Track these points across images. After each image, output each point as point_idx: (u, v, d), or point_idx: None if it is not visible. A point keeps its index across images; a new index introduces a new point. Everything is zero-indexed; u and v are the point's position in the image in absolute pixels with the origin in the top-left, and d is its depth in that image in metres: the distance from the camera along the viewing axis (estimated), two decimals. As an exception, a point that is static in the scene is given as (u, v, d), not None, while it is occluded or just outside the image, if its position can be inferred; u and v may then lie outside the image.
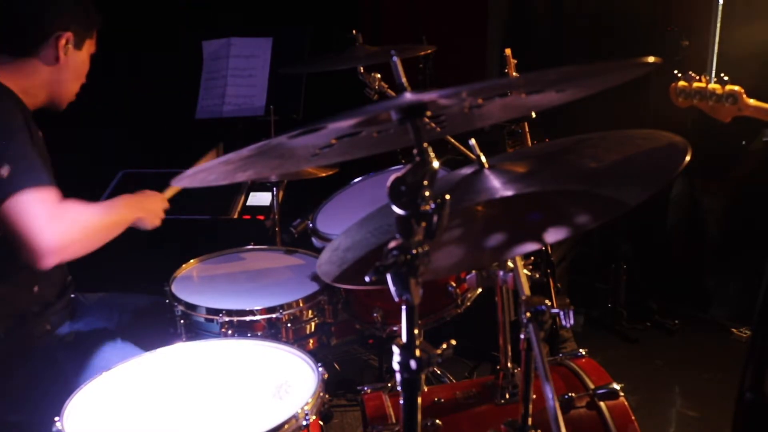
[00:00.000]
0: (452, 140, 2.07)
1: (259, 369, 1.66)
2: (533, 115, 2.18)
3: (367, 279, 0.90)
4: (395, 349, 0.95)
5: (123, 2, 2.11)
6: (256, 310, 2.02)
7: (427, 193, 0.92)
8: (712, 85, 2.37)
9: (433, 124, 1.05)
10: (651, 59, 0.88)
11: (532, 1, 4.29)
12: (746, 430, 1.62)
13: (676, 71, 2.44)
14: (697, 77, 2.40)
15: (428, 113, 0.98)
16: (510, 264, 1.36)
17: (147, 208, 2.12)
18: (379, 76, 2.27)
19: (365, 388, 1.73)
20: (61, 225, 1.75)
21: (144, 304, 2.27)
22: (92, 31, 2.05)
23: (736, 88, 2.34)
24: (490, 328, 1.64)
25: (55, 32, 1.91)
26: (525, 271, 1.33)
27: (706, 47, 3.50)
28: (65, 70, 1.97)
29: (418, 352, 0.94)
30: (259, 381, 1.61)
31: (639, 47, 3.63)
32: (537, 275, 1.38)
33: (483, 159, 1.27)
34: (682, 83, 2.42)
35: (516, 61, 2.27)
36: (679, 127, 2.34)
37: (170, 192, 2.26)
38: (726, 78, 2.36)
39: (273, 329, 2.02)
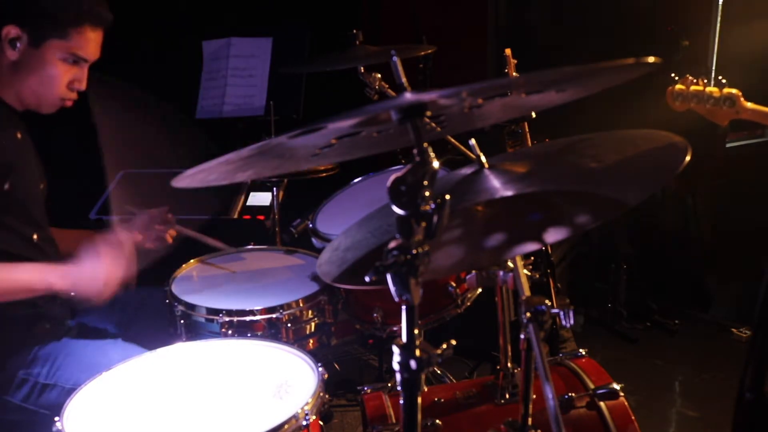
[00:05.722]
0: (452, 140, 2.07)
1: (259, 369, 1.66)
2: (533, 115, 2.18)
3: (367, 279, 0.90)
4: (395, 349, 0.95)
5: (123, 2, 2.09)
6: (256, 310, 2.02)
7: (427, 193, 0.92)
8: (710, 89, 2.30)
9: (433, 124, 1.05)
10: (651, 59, 0.88)
11: (531, 1, 4.29)
12: (746, 430, 1.61)
13: (673, 74, 2.36)
14: (695, 80, 2.33)
15: (428, 113, 0.98)
16: (510, 264, 1.36)
17: (83, 278, 1.79)
18: (379, 76, 2.27)
19: (365, 388, 1.73)
20: None
21: (144, 303, 2.27)
22: (65, 32, 1.82)
23: (734, 91, 2.28)
24: (490, 328, 1.64)
25: None
26: (525, 271, 1.33)
27: (706, 47, 3.50)
28: (22, 69, 1.83)
29: (418, 352, 0.94)
30: (259, 381, 1.61)
31: (639, 47, 3.62)
32: (537, 275, 1.38)
33: (483, 159, 1.27)
34: (678, 86, 2.34)
35: (516, 61, 2.26)
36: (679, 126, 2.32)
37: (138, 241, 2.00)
38: (724, 81, 2.30)
39: (273, 329, 2.02)
